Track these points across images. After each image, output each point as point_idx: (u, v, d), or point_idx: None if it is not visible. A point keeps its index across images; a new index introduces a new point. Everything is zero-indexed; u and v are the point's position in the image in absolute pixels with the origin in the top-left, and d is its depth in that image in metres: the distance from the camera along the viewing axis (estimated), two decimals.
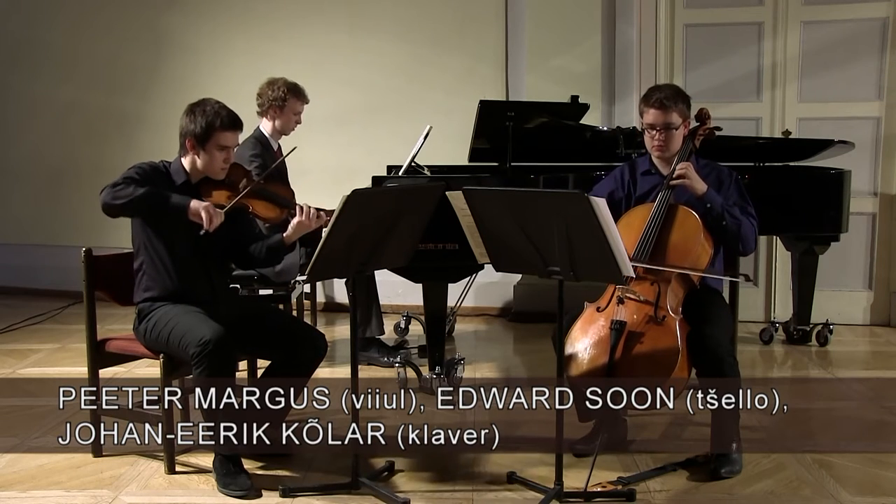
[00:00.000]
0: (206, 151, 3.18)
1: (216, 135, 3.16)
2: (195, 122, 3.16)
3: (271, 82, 4.58)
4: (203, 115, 3.16)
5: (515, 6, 5.93)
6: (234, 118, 3.22)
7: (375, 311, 4.74)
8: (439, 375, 4.04)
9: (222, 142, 3.18)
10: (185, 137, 3.20)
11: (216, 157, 3.19)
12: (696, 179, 3.25)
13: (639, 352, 3.08)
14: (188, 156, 3.23)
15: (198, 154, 3.19)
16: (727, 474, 3.10)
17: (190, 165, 3.24)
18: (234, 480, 3.00)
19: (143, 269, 3.23)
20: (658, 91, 3.36)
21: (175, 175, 3.24)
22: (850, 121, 5.48)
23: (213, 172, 3.24)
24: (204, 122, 3.15)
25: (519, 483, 3.06)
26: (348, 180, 3.94)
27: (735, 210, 3.26)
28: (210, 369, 2.96)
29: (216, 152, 3.18)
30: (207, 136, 3.16)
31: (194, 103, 3.23)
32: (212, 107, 3.19)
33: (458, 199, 2.99)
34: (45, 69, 6.64)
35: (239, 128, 3.25)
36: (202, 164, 3.21)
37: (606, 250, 2.71)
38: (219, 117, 3.17)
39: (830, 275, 5.37)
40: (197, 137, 3.16)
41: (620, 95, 5.75)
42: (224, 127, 3.17)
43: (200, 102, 3.22)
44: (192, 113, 3.19)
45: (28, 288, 6.63)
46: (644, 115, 3.36)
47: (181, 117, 3.23)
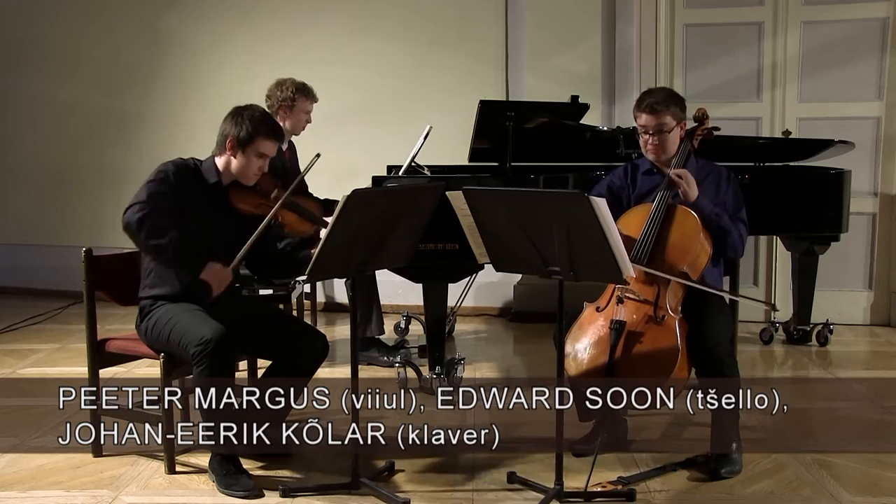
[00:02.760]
0: (245, 155, 3.22)
1: (258, 141, 3.21)
2: (241, 125, 3.20)
3: (279, 83, 4.58)
4: (251, 121, 3.21)
5: (515, 6, 5.93)
6: (277, 129, 3.30)
7: (376, 310, 4.74)
8: (439, 375, 4.04)
9: (262, 149, 3.23)
10: (226, 138, 3.23)
11: (253, 163, 3.23)
12: (692, 183, 3.26)
13: (638, 351, 3.09)
14: (224, 156, 3.25)
15: (235, 156, 3.23)
16: (727, 474, 3.10)
17: (224, 166, 3.26)
18: (237, 481, 3.00)
19: (153, 267, 3.23)
20: (649, 95, 3.37)
21: (206, 174, 3.26)
22: (850, 121, 5.48)
23: (245, 178, 3.27)
24: (250, 128, 3.19)
25: (519, 483, 3.06)
26: (348, 180, 3.94)
27: (724, 219, 3.26)
28: (210, 368, 2.96)
29: (254, 158, 3.23)
30: (250, 141, 3.20)
31: (240, 107, 3.27)
32: (259, 114, 3.25)
33: (458, 199, 2.99)
34: (46, 69, 6.64)
35: (280, 139, 3.34)
36: (236, 168, 3.24)
37: (606, 250, 2.71)
38: (264, 125, 3.23)
39: (830, 275, 5.37)
40: (239, 140, 3.20)
41: (620, 95, 5.75)
42: (267, 135, 3.23)
43: (247, 108, 3.27)
44: (240, 116, 3.23)
45: (28, 288, 6.64)
46: (637, 119, 3.38)
47: (225, 119, 3.26)
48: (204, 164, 3.29)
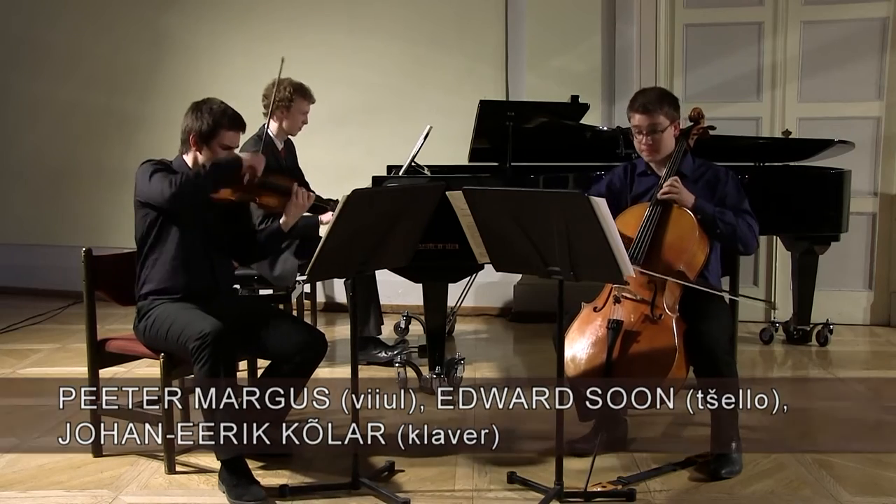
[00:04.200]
0: (210, 149, 3.21)
1: (221, 133, 3.21)
2: (201, 119, 3.20)
3: (277, 83, 4.57)
4: (210, 114, 3.20)
5: (515, 6, 5.93)
6: (239, 119, 3.26)
7: (374, 310, 4.74)
8: (439, 375, 4.04)
9: (226, 141, 3.22)
10: (188, 134, 3.23)
11: (219, 155, 3.22)
12: (685, 193, 3.25)
13: (636, 351, 3.09)
14: (190, 153, 3.26)
15: (200, 151, 3.23)
16: (727, 475, 3.10)
17: (192, 162, 3.26)
18: (248, 491, 2.96)
19: (147, 265, 3.24)
20: (642, 95, 3.38)
21: (179, 170, 3.25)
22: (850, 121, 5.48)
23: None
24: (210, 120, 3.19)
25: (519, 483, 3.06)
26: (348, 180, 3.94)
27: (727, 215, 3.25)
28: (210, 363, 2.95)
29: (219, 150, 3.22)
30: (212, 135, 3.20)
31: (199, 101, 3.26)
32: (218, 106, 3.24)
33: (458, 199, 2.99)
34: (46, 69, 6.64)
35: (242, 128, 3.30)
36: (204, 161, 3.24)
37: (606, 250, 2.71)
38: (225, 116, 3.21)
39: (830, 275, 5.37)
40: (201, 135, 3.20)
41: (620, 95, 5.74)
42: (229, 126, 3.22)
43: (206, 101, 3.26)
44: (199, 110, 3.22)
45: (28, 288, 6.63)
46: (631, 119, 3.38)
47: (185, 115, 3.26)
48: (174, 162, 3.29)
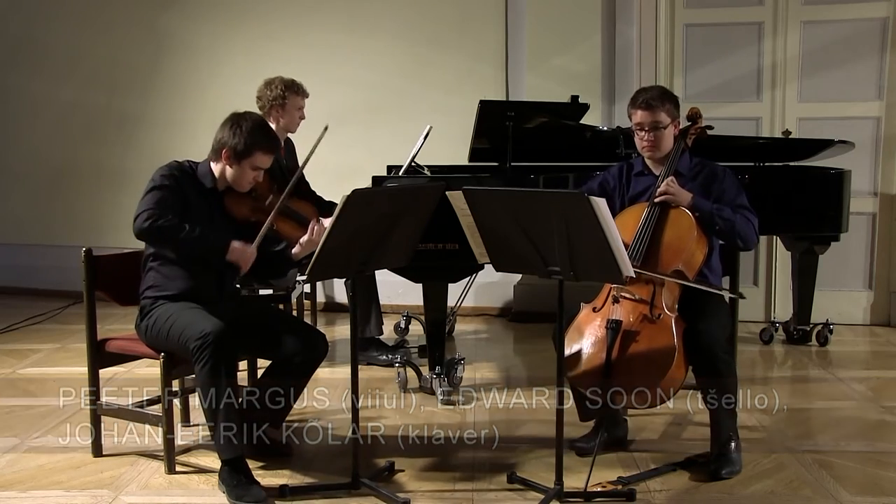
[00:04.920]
0: (241, 167, 3.20)
1: (256, 155, 3.19)
2: (238, 137, 3.17)
3: (268, 82, 4.57)
4: (250, 134, 3.16)
5: (515, 6, 5.93)
6: (275, 141, 3.27)
7: (375, 310, 4.74)
8: (439, 375, 4.04)
9: (258, 163, 3.22)
10: (222, 147, 3.20)
11: (247, 175, 3.22)
12: (681, 193, 3.25)
13: (635, 350, 3.08)
14: (219, 164, 3.24)
15: (230, 166, 3.21)
16: (728, 475, 3.10)
17: (219, 173, 3.25)
18: (248, 491, 2.94)
19: (153, 266, 3.23)
20: (644, 92, 3.39)
21: (202, 178, 3.25)
22: (850, 121, 5.48)
23: (238, 186, 3.27)
24: (248, 141, 3.16)
25: (519, 483, 3.05)
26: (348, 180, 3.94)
27: (725, 211, 3.26)
28: (211, 363, 2.94)
29: (249, 170, 3.21)
30: (246, 154, 3.18)
31: (238, 115, 3.23)
32: (258, 126, 3.21)
33: (458, 199, 2.99)
34: (45, 69, 6.64)
35: (277, 150, 3.29)
36: (231, 177, 3.23)
37: (606, 250, 2.71)
38: (264, 139, 3.19)
39: (830, 275, 5.37)
40: (236, 153, 3.18)
41: (620, 95, 5.74)
42: (265, 150, 3.21)
43: (245, 117, 3.22)
44: (237, 126, 3.18)
45: (28, 288, 6.63)
46: (632, 116, 3.38)
47: (223, 125, 3.22)
48: (199, 167, 3.27)
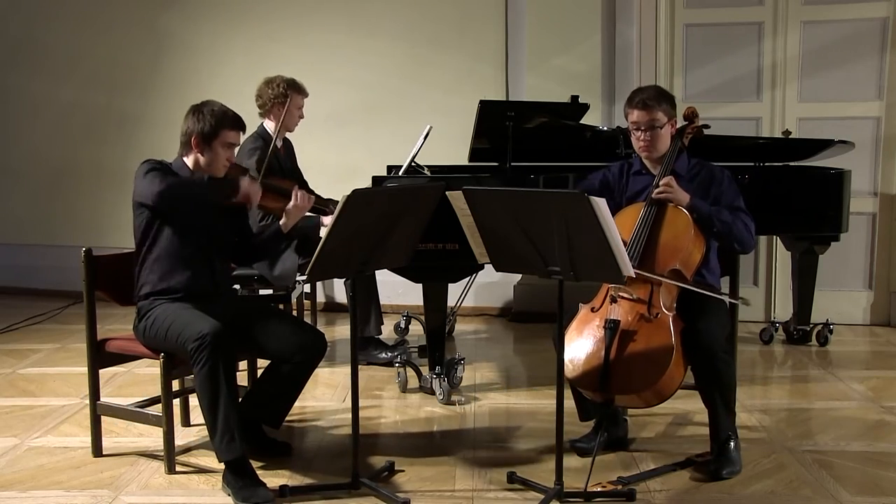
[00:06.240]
0: (212, 149, 3.26)
1: (223, 133, 3.25)
2: (203, 120, 3.24)
3: (269, 81, 4.58)
4: (211, 115, 3.25)
5: (515, 6, 5.93)
6: (239, 118, 3.33)
7: (375, 310, 4.74)
8: (439, 375, 4.04)
9: (228, 139, 3.27)
10: (189, 136, 3.26)
11: (220, 155, 3.27)
12: (679, 192, 3.25)
13: (633, 350, 3.08)
14: (191, 154, 3.28)
15: (202, 152, 3.26)
16: (727, 475, 3.09)
17: (193, 164, 3.29)
18: (255, 493, 2.92)
19: (146, 265, 3.24)
20: (640, 92, 3.38)
21: (178, 172, 3.28)
22: (850, 121, 5.48)
23: (215, 170, 3.30)
24: (213, 121, 3.24)
25: (519, 483, 3.05)
26: (348, 180, 3.94)
27: (723, 213, 3.25)
28: (209, 364, 2.94)
29: (220, 150, 3.27)
30: (215, 134, 3.24)
31: (198, 105, 3.31)
32: (219, 107, 3.29)
33: (458, 199, 2.99)
34: (45, 69, 6.64)
35: (243, 128, 3.36)
36: (206, 162, 3.27)
37: (607, 250, 2.71)
38: (226, 116, 3.27)
39: (830, 275, 5.37)
40: (204, 135, 3.24)
41: (620, 95, 5.73)
42: (231, 125, 3.27)
43: (205, 103, 3.31)
44: (200, 112, 3.27)
45: (28, 288, 6.63)
46: (628, 116, 3.38)
47: (185, 118, 3.30)
48: (174, 164, 3.32)
